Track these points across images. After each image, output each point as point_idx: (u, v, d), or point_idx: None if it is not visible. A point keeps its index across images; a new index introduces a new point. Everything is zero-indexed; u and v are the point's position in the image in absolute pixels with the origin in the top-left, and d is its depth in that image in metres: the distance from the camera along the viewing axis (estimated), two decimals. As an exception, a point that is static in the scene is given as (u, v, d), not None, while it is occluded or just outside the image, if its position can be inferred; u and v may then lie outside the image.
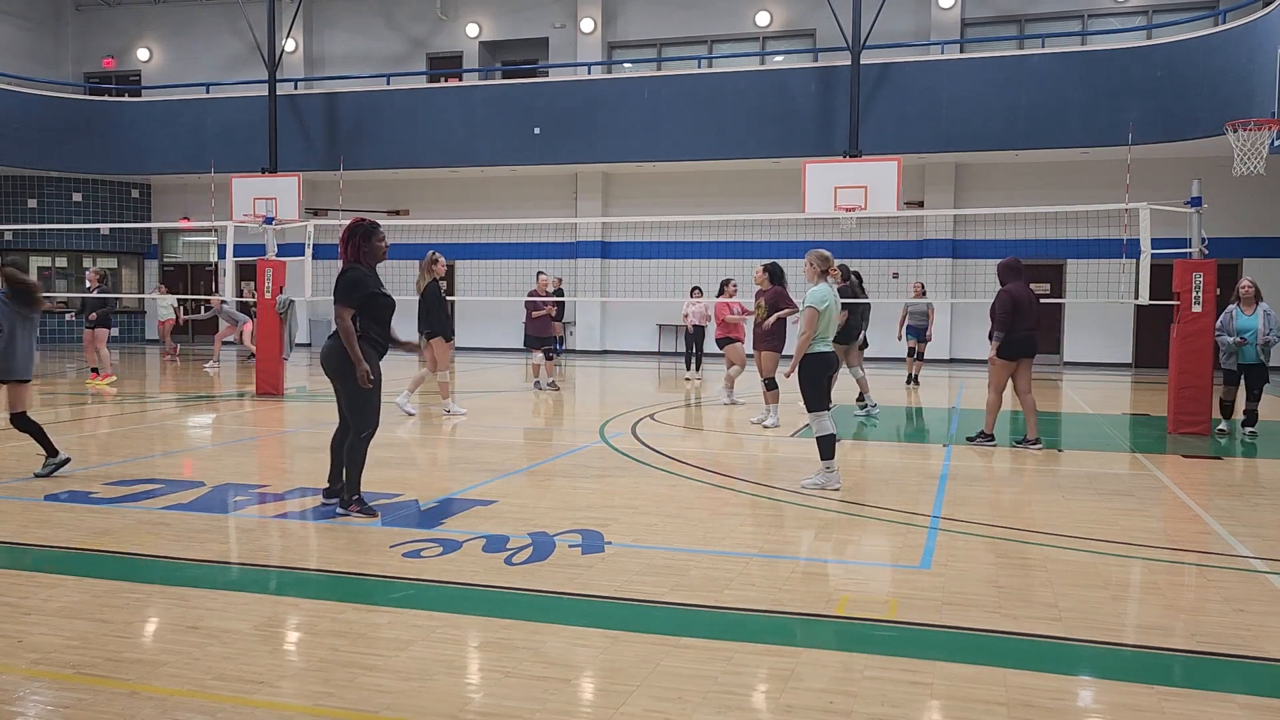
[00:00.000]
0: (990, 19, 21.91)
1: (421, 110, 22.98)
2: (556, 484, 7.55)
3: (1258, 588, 4.99)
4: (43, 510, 6.46)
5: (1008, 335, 9.38)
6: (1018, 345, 9.45)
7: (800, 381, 7.38)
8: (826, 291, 7.30)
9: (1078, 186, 20.10)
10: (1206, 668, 3.95)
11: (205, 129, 24.05)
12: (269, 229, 14.72)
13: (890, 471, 8.33)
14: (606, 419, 11.55)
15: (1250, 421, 10.73)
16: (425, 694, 3.56)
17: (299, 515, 6.42)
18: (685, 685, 3.65)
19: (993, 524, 6.28)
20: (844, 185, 14.24)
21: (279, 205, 16.11)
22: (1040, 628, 4.33)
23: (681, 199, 23.09)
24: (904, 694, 3.61)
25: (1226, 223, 18.97)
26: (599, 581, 4.93)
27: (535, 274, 16.22)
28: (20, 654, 3.92)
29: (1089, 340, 21.55)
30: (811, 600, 4.74)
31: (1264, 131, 12.37)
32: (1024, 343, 9.46)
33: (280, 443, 9.72)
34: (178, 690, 3.58)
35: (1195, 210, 10.78)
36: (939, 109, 19.77)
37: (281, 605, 4.63)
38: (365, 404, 6.09)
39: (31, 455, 7.39)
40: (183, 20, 26.91)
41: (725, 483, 7.61)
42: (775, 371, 10.96)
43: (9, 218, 25.49)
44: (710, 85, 21.34)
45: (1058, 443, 10.10)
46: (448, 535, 5.85)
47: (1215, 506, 6.94)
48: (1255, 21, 16.33)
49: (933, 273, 21.46)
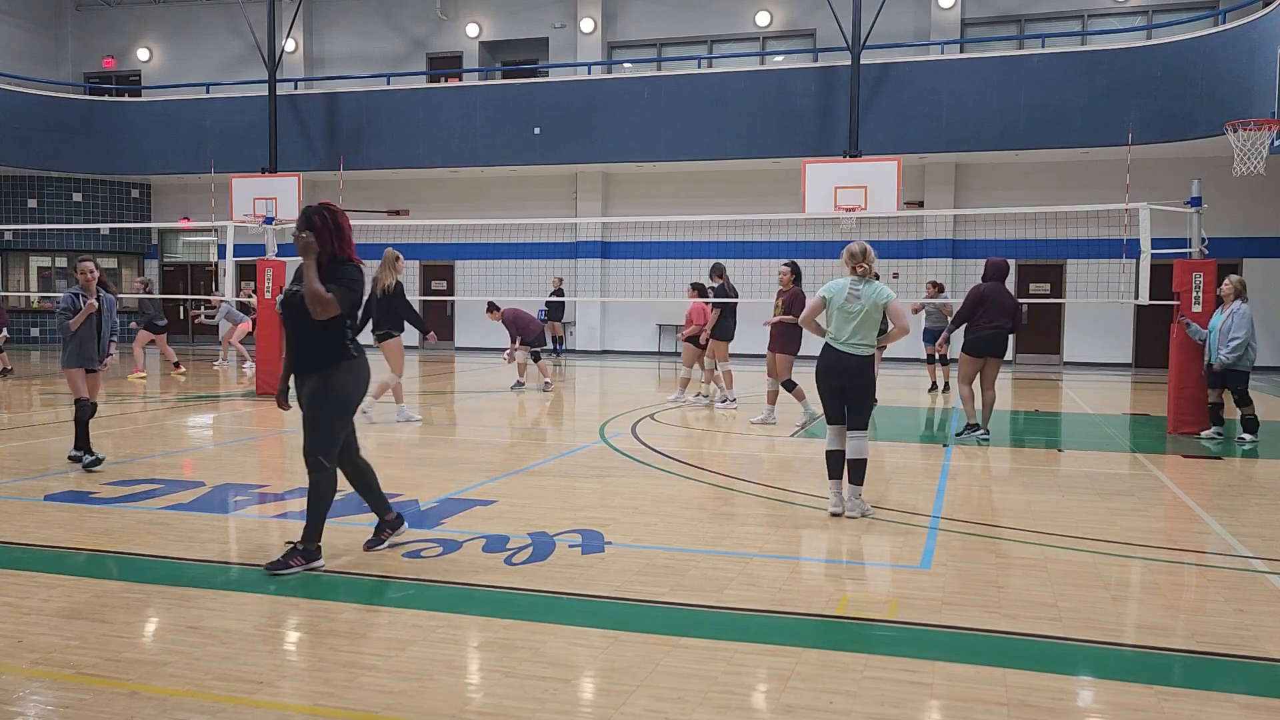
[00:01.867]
0: (990, 19, 21.91)
1: (421, 110, 22.99)
2: (556, 484, 7.55)
3: (1258, 588, 4.99)
4: (43, 510, 6.46)
5: (970, 332, 9.65)
6: (983, 342, 9.65)
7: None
8: (835, 284, 6.57)
9: (1078, 186, 20.10)
10: (1206, 668, 3.95)
11: (205, 129, 24.05)
12: (269, 229, 14.72)
13: (890, 471, 8.33)
14: (606, 419, 11.55)
15: (1248, 427, 10.19)
16: (425, 694, 3.56)
17: (299, 515, 6.42)
18: (685, 685, 3.65)
19: (993, 524, 6.28)
20: (844, 185, 14.23)
21: (279, 205, 16.12)
22: (1040, 628, 4.33)
23: (681, 199, 23.09)
24: (904, 694, 3.61)
25: (1226, 223, 18.97)
26: (599, 581, 4.93)
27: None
28: (20, 654, 3.92)
29: (1089, 340, 21.55)
30: (811, 600, 4.74)
31: (1264, 131, 12.38)
32: (989, 340, 9.63)
33: (280, 443, 9.71)
34: (178, 690, 3.58)
35: (1195, 210, 10.78)
36: (939, 109, 19.77)
37: (281, 605, 4.63)
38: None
39: (31, 455, 7.39)
40: (183, 20, 26.92)
41: (725, 483, 7.61)
42: (790, 373, 10.93)
43: (9, 218, 25.50)
44: (710, 85, 21.34)
45: (1058, 442, 10.10)
46: (448, 535, 5.85)
47: (1215, 506, 6.94)
48: (1255, 21, 16.33)
49: (933, 273, 21.45)
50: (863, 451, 6.51)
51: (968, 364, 9.81)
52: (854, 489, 6.48)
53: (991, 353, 9.70)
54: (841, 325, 6.47)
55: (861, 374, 6.44)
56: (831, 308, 6.51)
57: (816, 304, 6.63)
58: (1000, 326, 9.62)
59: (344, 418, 5.19)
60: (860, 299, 6.40)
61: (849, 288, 6.47)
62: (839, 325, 6.49)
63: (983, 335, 9.64)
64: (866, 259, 6.50)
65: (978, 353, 9.71)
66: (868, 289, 6.44)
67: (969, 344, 9.78)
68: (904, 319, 6.50)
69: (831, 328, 6.54)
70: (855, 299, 6.41)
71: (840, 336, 6.46)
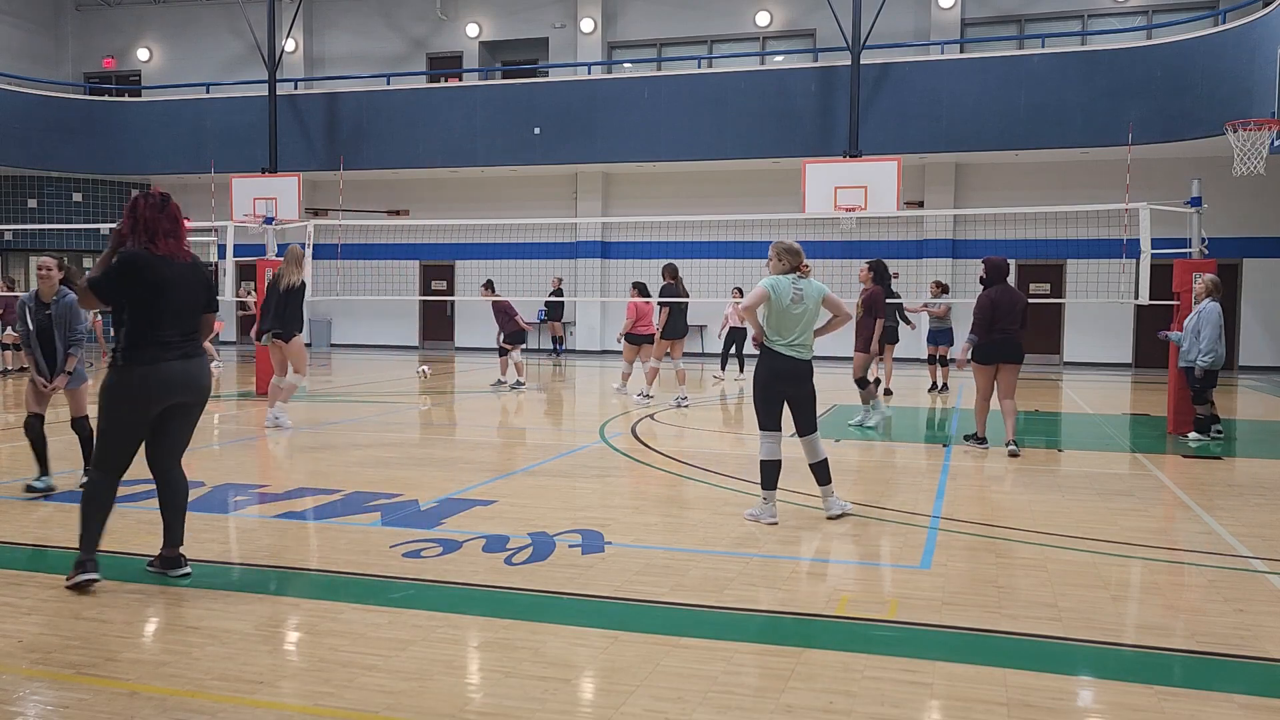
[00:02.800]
0: (990, 19, 21.91)
1: (421, 110, 22.98)
2: (556, 484, 7.55)
3: (1258, 588, 4.99)
4: (43, 510, 6.46)
5: (982, 339, 9.16)
6: (994, 349, 9.15)
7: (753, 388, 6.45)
8: (778, 281, 6.24)
9: (1078, 186, 20.09)
10: (1206, 668, 3.95)
11: (205, 129, 24.04)
12: (269, 229, 14.72)
13: (890, 471, 8.33)
14: (606, 419, 11.55)
15: (1199, 426, 10.08)
16: (425, 694, 3.56)
17: (299, 515, 6.42)
18: (685, 685, 3.65)
19: (993, 524, 6.28)
20: (844, 185, 14.23)
21: (279, 205, 16.12)
22: (1040, 628, 4.33)
23: (681, 199, 23.09)
24: (904, 694, 3.61)
25: (1226, 223, 18.95)
26: (599, 581, 4.93)
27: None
28: (20, 654, 3.92)
29: (1089, 340, 21.54)
30: (811, 600, 4.75)
31: (1264, 131, 12.39)
32: (1002, 346, 9.13)
33: (280, 443, 9.71)
34: (178, 690, 3.58)
35: (1195, 210, 10.78)
36: (939, 109, 19.77)
37: (281, 605, 4.63)
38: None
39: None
40: (183, 20, 26.91)
41: (725, 483, 7.61)
42: (865, 372, 10.87)
43: (9, 218, 25.49)
44: (710, 85, 21.33)
45: (1058, 443, 10.10)
46: (448, 535, 5.84)
47: (1215, 506, 6.94)
48: (1255, 21, 16.33)
49: (933, 273, 21.44)
50: (822, 451, 6.44)
51: (980, 374, 9.34)
52: (826, 489, 6.44)
53: (1004, 359, 9.17)
54: (786, 326, 6.20)
55: (809, 378, 6.33)
56: (774, 308, 6.18)
57: (763, 293, 6.17)
58: (1009, 330, 9.12)
59: (112, 425, 4.76)
60: (804, 299, 6.21)
61: (792, 287, 6.20)
62: (782, 326, 6.20)
63: (996, 342, 9.13)
64: (801, 256, 6.34)
65: (989, 360, 9.21)
66: (808, 287, 6.26)
67: (979, 352, 9.25)
68: (844, 307, 6.45)
69: (772, 329, 6.24)
70: (800, 300, 6.20)
71: (785, 339, 6.21)
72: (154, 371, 4.71)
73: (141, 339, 4.71)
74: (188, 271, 4.88)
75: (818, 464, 6.42)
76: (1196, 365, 9.93)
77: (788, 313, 6.18)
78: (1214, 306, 9.88)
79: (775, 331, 6.23)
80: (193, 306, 4.91)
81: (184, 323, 4.85)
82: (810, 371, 6.34)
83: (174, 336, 4.79)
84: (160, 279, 4.73)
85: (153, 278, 4.71)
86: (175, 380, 4.78)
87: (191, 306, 4.90)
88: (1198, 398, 10.11)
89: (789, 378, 6.26)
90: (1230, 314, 19.98)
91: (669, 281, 12.80)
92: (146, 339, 4.72)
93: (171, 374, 4.76)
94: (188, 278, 4.87)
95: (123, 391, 4.73)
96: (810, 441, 6.42)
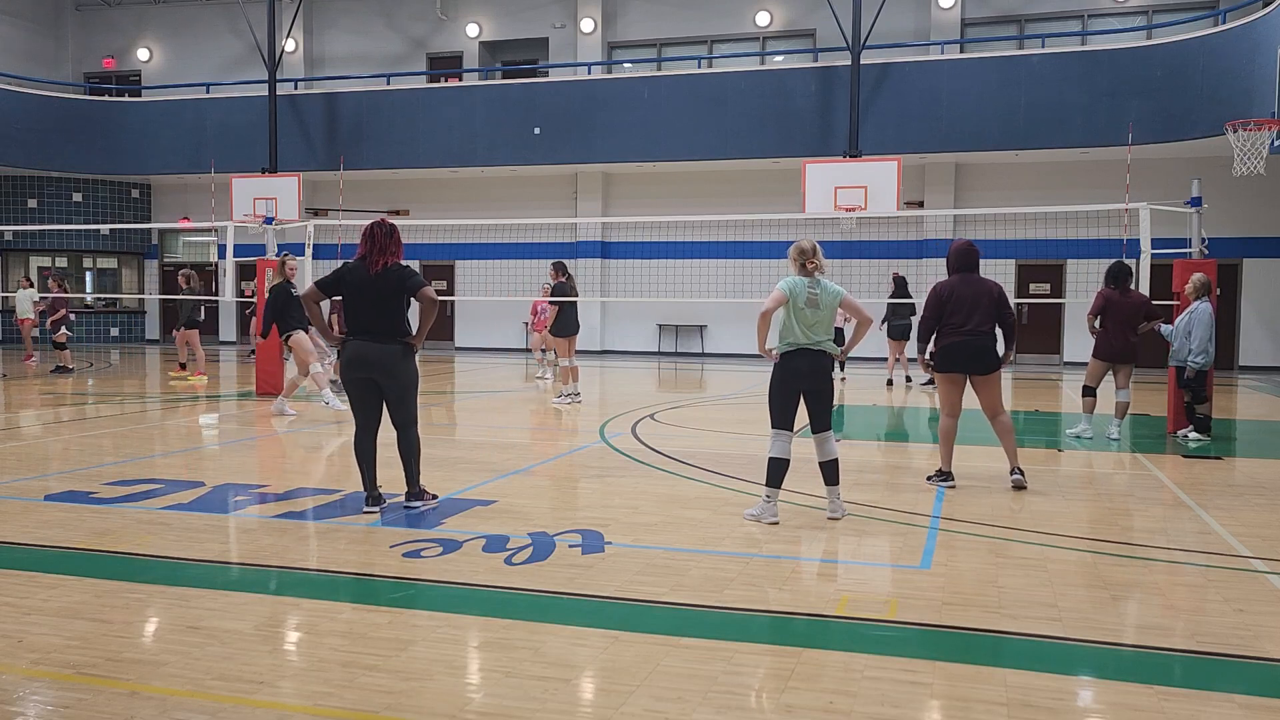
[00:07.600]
0: (990, 19, 21.91)
1: (421, 110, 22.98)
2: (556, 484, 7.55)
3: (1258, 588, 4.99)
4: (43, 510, 6.46)
5: (938, 341, 7.44)
6: (955, 352, 7.33)
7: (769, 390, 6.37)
8: (795, 282, 6.21)
9: (1078, 186, 20.10)
10: (1206, 668, 3.95)
11: (205, 129, 24.05)
12: (269, 229, 14.72)
13: (890, 471, 8.33)
14: (606, 419, 11.55)
15: (1200, 426, 9.96)
16: (425, 694, 3.56)
17: (299, 515, 6.42)
18: (685, 685, 3.65)
19: (993, 524, 6.28)
20: (844, 185, 14.24)
21: (279, 205, 16.12)
22: (1040, 628, 4.33)
23: (681, 199, 23.09)
24: (904, 694, 3.61)
25: (1226, 223, 18.96)
26: (599, 581, 4.93)
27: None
28: (20, 654, 3.92)
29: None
30: (811, 600, 4.75)
31: (1264, 131, 12.38)
32: (963, 350, 7.28)
33: (280, 443, 9.71)
34: (178, 690, 3.58)
35: (1195, 210, 10.78)
36: (939, 109, 19.77)
37: (281, 605, 4.63)
38: (415, 397, 6.59)
39: (31, 455, 7.37)
40: (183, 20, 26.91)
41: (725, 483, 7.61)
42: (1097, 381, 10.52)
43: (9, 218, 25.50)
44: (710, 85, 21.33)
45: (1058, 443, 10.10)
46: (448, 535, 5.85)
47: (1215, 506, 6.94)
48: (1255, 21, 16.33)
49: (933, 273, 21.44)
50: (835, 451, 6.40)
51: (943, 386, 7.51)
52: (833, 490, 6.42)
53: (969, 366, 7.32)
54: (804, 327, 6.16)
55: (828, 376, 6.32)
56: (790, 309, 6.15)
57: (781, 296, 6.14)
58: (980, 330, 7.25)
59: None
60: (820, 301, 6.17)
61: (807, 289, 6.17)
62: (802, 327, 6.16)
63: (953, 344, 7.31)
64: (818, 255, 6.25)
65: (950, 367, 7.39)
66: (824, 288, 6.21)
67: (935, 358, 7.48)
68: (864, 310, 6.41)
69: (788, 329, 6.19)
70: (815, 301, 6.15)
71: (807, 338, 6.17)
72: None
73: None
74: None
75: (828, 463, 6.38)
76: (1188, 365, 9.94)
77: (803, 313, 6.17)
78: (1206, 307, 9.88)
79: (792, 332, 6.20)
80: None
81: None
82: (829, 369, 6.33)
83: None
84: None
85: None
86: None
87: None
88: (1198, 397, 10.11)
89: (809, 374, 6.24)
90: (1230, 314, 20.02)
91: (560, 280, 12.96)
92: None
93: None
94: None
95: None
96: (823, 439, 6.39)
